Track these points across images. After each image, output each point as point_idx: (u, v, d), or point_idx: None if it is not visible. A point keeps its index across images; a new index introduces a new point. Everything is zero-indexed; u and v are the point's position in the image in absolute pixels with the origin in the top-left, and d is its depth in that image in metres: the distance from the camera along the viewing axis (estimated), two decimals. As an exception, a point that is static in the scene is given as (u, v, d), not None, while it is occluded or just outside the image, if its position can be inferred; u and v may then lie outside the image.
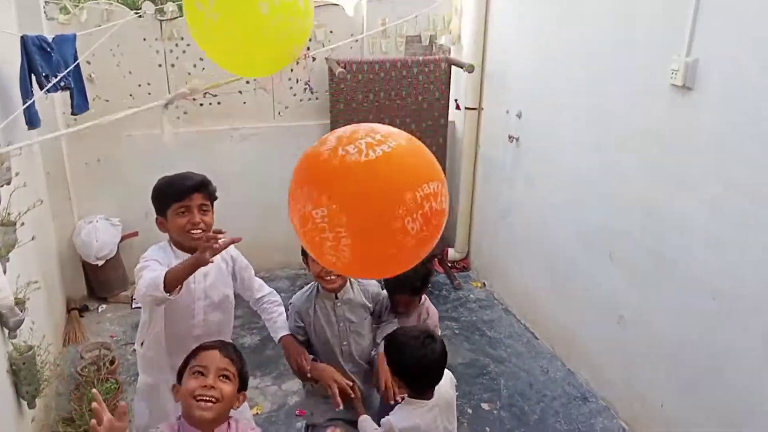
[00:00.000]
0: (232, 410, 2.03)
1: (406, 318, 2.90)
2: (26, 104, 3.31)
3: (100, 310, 5.03)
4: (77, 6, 4.81)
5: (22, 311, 2.94)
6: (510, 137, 4.79)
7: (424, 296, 2.98)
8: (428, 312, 2.99)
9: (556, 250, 4.38)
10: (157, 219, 2.51)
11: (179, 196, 2.39)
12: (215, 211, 2.54)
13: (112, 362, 4.09)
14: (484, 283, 5.55)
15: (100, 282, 5.08)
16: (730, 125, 2.87)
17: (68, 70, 3.71)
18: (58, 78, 3.51)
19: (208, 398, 1.91)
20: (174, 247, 2.49)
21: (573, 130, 4.09)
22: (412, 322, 2.89)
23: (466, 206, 5.66)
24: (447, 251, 5.83)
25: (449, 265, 5.78)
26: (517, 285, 5.01)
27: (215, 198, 2.53)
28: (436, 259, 5.82)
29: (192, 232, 2.40)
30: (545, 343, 4.62)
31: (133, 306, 5.05)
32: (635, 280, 3.61)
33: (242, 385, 2.08)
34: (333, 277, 2.59)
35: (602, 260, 3.87)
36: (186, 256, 2.32)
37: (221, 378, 1.98)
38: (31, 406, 3.22)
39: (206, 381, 1.94)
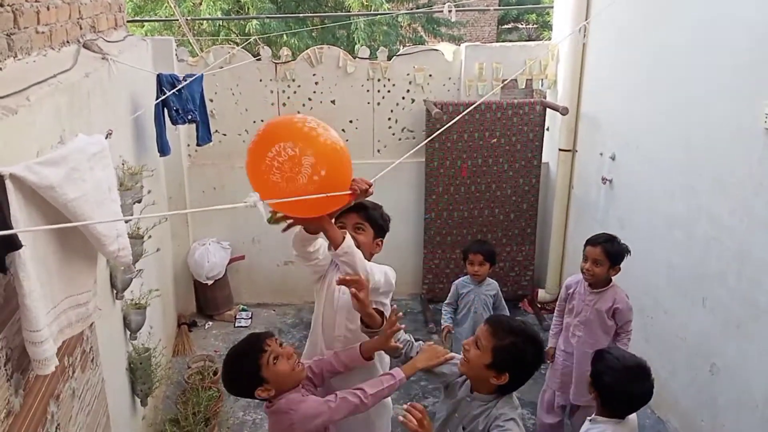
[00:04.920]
0: None
1: None
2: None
3: (206, 326, 5.46)
4: (203, 50, 5.39)
5: (143, 316, 3.33)
6: (603, 179, 4.81)
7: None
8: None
9: (648, 295, 4.31)
10: None
11: (338, 214, 2.59)
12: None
13: (215, 373, 4.43)
14: (573, 326, 5.48)
15: (208, 300, 5.52)
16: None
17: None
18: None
19: None
20: None
21: (666, 173, 4.07)
22: (604, 302, 3.47)
23: (558, 247, 5.67)
24: (537, 292, 5.84)
25: (539, 306, 5.77)
26: (607, 328, 4.93)
27: (378, 223, 2.69)
28: (525, 300, 5.84)
29: None
30: (634, 389, 4.52)
31: (236, 325, 5.44)
32: (728, 327, 3.51)
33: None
34: None
35: (695, 306, 3.80)
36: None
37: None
38: (144, 403, 3.59)
39: None
